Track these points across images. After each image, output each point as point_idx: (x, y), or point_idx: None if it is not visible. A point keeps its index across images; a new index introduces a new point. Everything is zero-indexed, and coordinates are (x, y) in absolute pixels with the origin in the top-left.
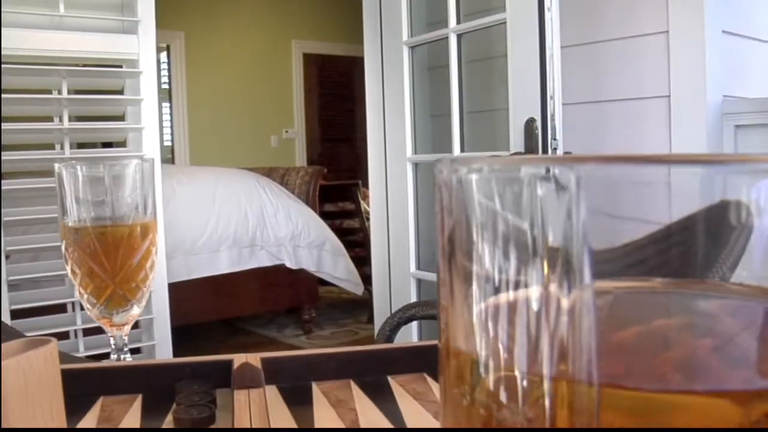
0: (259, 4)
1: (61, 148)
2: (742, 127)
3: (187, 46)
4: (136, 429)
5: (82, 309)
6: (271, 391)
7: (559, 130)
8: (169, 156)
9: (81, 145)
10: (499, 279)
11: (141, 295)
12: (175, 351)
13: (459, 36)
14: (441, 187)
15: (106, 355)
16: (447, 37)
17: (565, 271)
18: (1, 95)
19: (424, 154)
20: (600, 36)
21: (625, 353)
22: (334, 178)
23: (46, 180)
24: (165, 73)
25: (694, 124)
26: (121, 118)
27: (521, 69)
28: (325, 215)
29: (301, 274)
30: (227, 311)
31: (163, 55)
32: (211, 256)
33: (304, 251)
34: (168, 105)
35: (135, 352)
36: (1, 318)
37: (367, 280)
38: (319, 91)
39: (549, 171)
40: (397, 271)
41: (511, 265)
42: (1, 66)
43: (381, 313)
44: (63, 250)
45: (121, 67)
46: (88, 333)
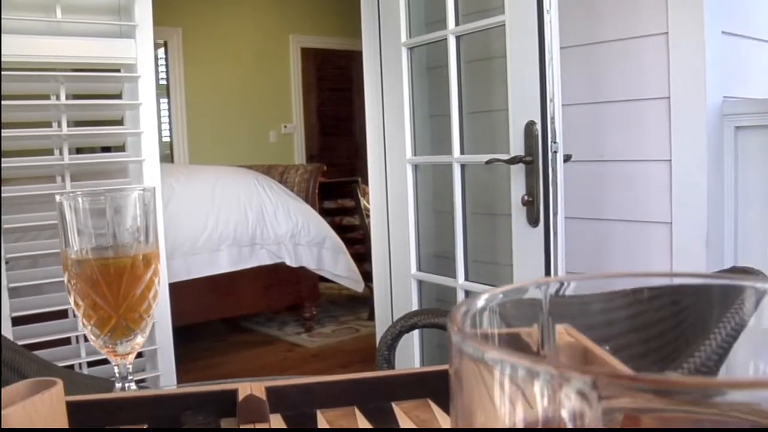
0: None
1: (60, 153)
2: (742, 129)
3: (184, 42)
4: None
5: None
6: (276, 419)
7: (559, 132)
8: (167, 152)
9: (80, 150)
10: None
11: (144, 324)
12: (177, 352)
13: (458, 38)
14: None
15: (108, 361)
16: (446, 39)
17: None
18: (0, 102)
19: (423, 156)
20: (600, 37)
21: None
22: (334, 173)
23: (45, 186)
24: (163, 69)
25: (694, 126)
26: (119, 122)
27: (520, 71)
28: (324, 212)
29: (301, 272)
30: (228, 310)
31: (161, 52)
32: (212, 256)
33: (304, 249)
34: (166, 101)
35: (137, 356)
36: (1, 328)
37: (367, 276)
38: (318, 85)
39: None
40: (398, 272)
41: None
42: (0, 73)
43: (382, 316)
44: (66, 281)
45: (119, 71)
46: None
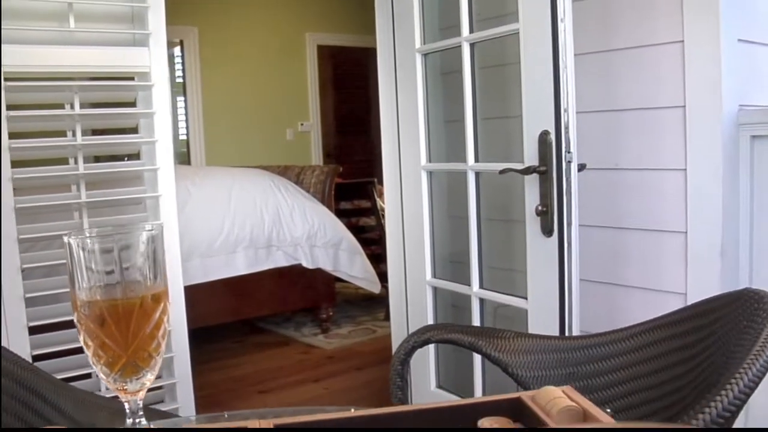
0: None
1: (75, 162)
2: (758, 138)
3: (200, 41)
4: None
5: None
6: None
7: (573, 142)
8: (184, 150)
9: (98, 159)
10: None
11: (154, 363)
12: (194, 353)
13: (472, 45)
14: None
15: None
16: (460, 46)
17: None
18: (3, 111)
19: (438, 163)
20: (615, 44)
21: None
22: (351, 170)
23: (62, 195)
24: (179, 68)
25: (710, 135)
26: (135, 130)
27: (534, 80)
28: (341, 213)
29: (317, 273)
30: (244, 312)
31: (177, 50)
32: (228, 258)
33: (320, 251)
34: (183, 99)
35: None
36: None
37: (383, 277)
38: (334, 83)
39: None
40: (413, 278)
41: None
42: (4, 83)
43: (398, 322)
44: (75, 320)
45: (133, 79)
46: None
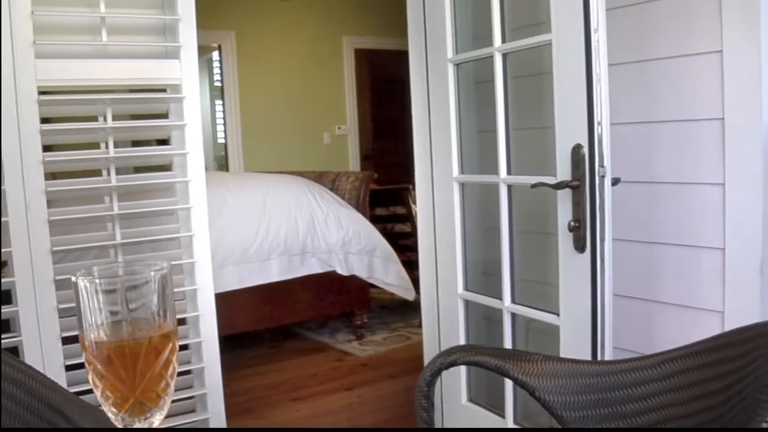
0: (309, 1)
1: (108, 174)
2: None
3: (238, 45)
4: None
5: None
6: None
7: (607, 156)
8: (222, 153)
9: (138, 169)
10: None
11: (162, 402)
12: (229, 359)
13: (504, 55)
14: None
15: None
16: (492, 56)
17: None
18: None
19: (470, 175)
20: (651, 54)
21: None
22: (388, 174)
23: (94, 207)
24: (217, 71)
25: (749, 148)
26: (168, 141)
27: (567, 93)
28: (376, 219)
29: (352, 279)
30: (279, 319)
31: (215, 54)
32: (262, 265)
33: (354, 258)
34: (221, 102)
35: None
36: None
37: (419, 283)
38: (371, 86)
39: None
40: (445, 291)
41: None
42: (39, 97)
43: (430, 334)
44: (84, 361)
45: (165, 90)
46: None
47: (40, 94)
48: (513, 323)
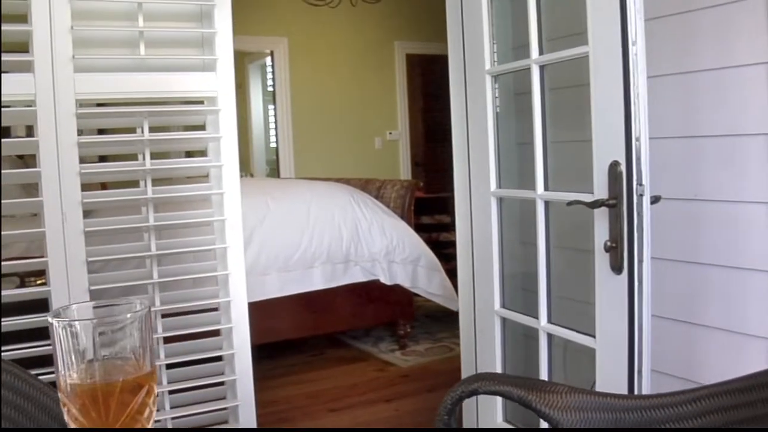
0: (360, 7)
1: (145, 185)
2: None
3: (290, 51)
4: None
5: None
6: None
7: (645, 174)
8: (274, 158)
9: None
10: None
11: None
12: (270, 366)
13: (542, 67)
14: None
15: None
16: (529, 68)
17: None
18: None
19: (507, 189)
20: (693, 66)
21: None
22: (438, 179)
23: (130, 218)
24: (270, 76)
25: None
26: (205, 152)
27: (604, 108)
28: (421, 228)
29: (396, 289)
30: (322, 327)
31: (268, 60)
32: (305, 273)
33: (398, 267)
34: (273, 107)
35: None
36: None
37: None
38: (423, 91)
39: None
40: (482, 308)
41: None
42: (77, 110)
43: (467, 351)
44: (60, 403)
45: (202, 102)
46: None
47: (81, 106)
48: (549, 342)
